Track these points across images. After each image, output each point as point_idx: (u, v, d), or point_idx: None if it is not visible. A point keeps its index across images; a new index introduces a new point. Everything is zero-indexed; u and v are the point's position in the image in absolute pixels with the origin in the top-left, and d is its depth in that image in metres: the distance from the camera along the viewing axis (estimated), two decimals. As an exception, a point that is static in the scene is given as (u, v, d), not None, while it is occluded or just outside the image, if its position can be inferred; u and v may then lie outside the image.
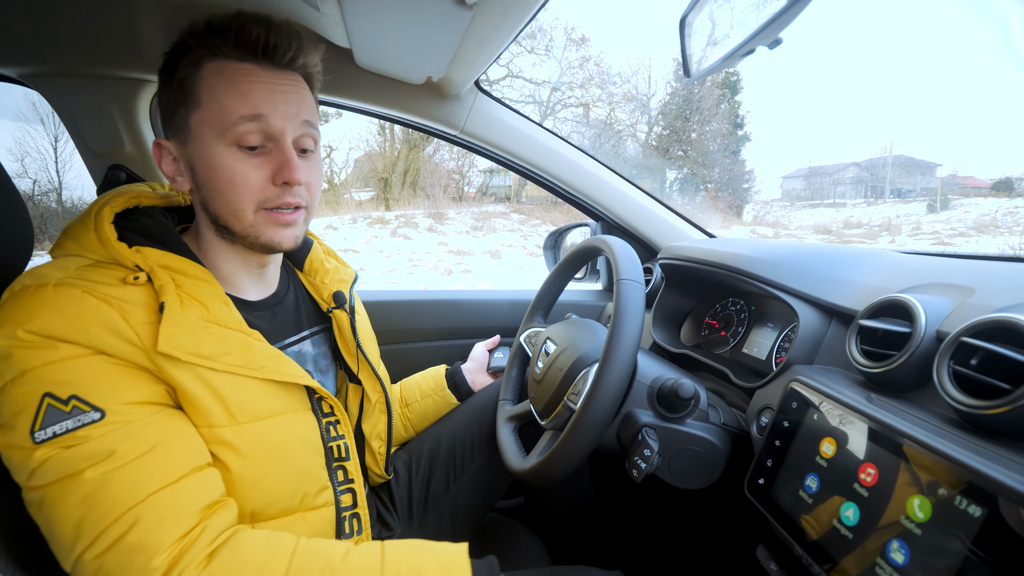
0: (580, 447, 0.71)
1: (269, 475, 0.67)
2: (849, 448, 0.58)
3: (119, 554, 0.53)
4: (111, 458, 0.54)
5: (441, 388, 1.11)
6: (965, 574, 0.44)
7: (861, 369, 0.66)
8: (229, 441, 0.64)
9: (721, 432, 0.79)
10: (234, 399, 0.65)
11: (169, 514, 0.55)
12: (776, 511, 0.65)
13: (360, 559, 0.61)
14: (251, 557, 0.57)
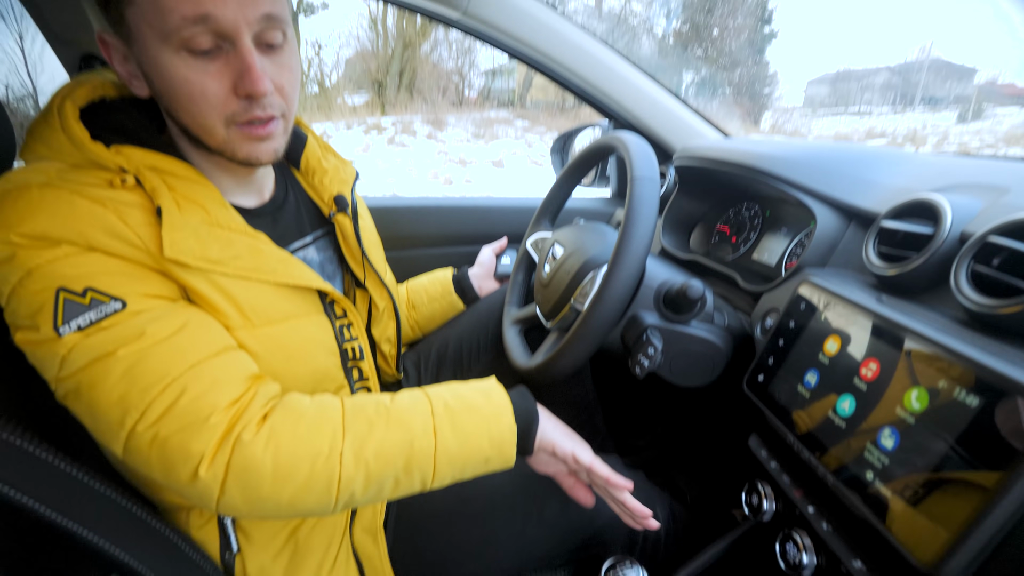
0: (585, 346, 0.73)
1: (288, 376, 0.68)
2: (853, 345, 0.59)
3: (173, 420, 0.53)
4: (142, 337, 0.54)
5: (448, 293, 1.12)
6: (949, 459, 0.46)
7: (875, 272, 0.66)
8: (246, 343, 0.64)
9: (724, 333, 0.80)
10: (248, 303, 0.64)
11: (216, 381, 0.56)
12: (772, 405, 0.68)
13: (407, 400, 0.65)
14: (306, 410, 0.59)
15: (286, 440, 0.56)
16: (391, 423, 0.61)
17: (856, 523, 0.56)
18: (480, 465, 0.65)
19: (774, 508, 0.71)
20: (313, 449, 0.57)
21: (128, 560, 0.56)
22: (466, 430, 0.64)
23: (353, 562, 0.73)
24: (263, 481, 0.55)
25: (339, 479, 0.58)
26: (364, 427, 0.60)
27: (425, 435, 0.61)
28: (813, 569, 0.62)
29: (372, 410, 0.62)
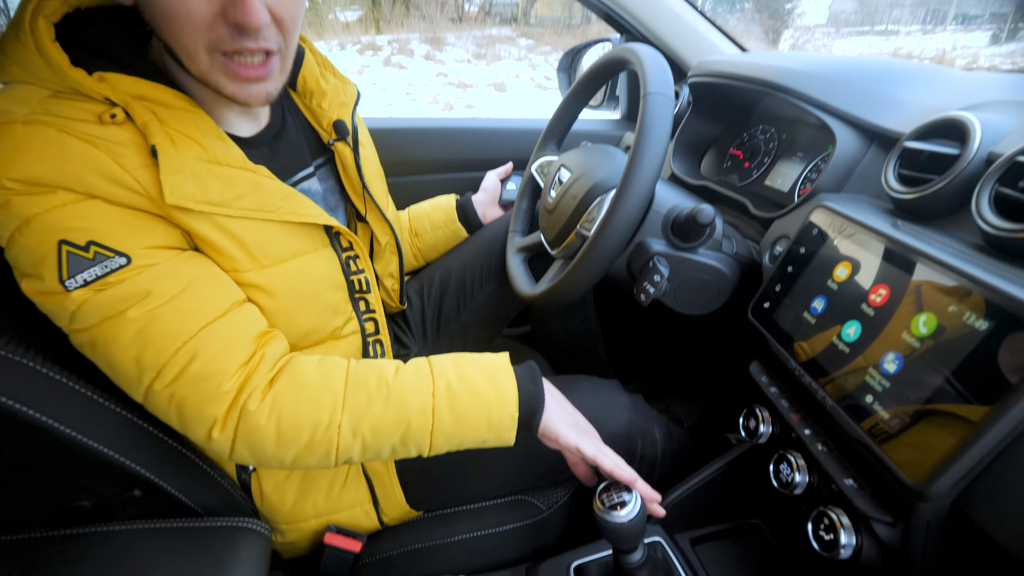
0: (590, 273, 0.72)
1: (299, 313, 0.69)
2: (864, 271, 0.58)
3: (187, 383, 0.55)
4: (149, 297, 0.54)
5: (451, 221, 1.10)
6: (947, 386, 0.46)
7: (893, 196, 0.64)
8: (257, 283, 0.64)
9: (732, 261, 0.79)
10: (254, 243, 0.63)
11: (226, 345, 0.57)
12: (776, 332, 0.68)
13: (411, 375, 0.64)
14: (309, 379, 0.61)
15: (288, 410, 0.58)
16: (390, 400, 0.61)
17: (850, 445, 0.58)
18: (476, 443, 0.66)
19: (770, 431, 0.73)
20: (313, 420, 0.59)
21: (149, 476, 0.59)
22: (465, 414, 0.63)
23: (363, 480, 0.76)
24: (267, 444, 0.58)
25: (337, 447, 0.60)
26: (363, 401, 0.61)
27: (423, 415, 0.62)
28: (804, 487, 0.64)
29: (373, 384, 0.62)
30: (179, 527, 0.57)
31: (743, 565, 0.79)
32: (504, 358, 0.69)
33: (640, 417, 0.84)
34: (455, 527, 0.79)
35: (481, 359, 0.68)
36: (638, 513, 0.60)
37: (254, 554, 0.56)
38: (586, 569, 0.73)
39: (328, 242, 0.73)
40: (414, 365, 0.66)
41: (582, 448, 0.68)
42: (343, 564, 0.72)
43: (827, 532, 0.57)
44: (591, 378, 0.88)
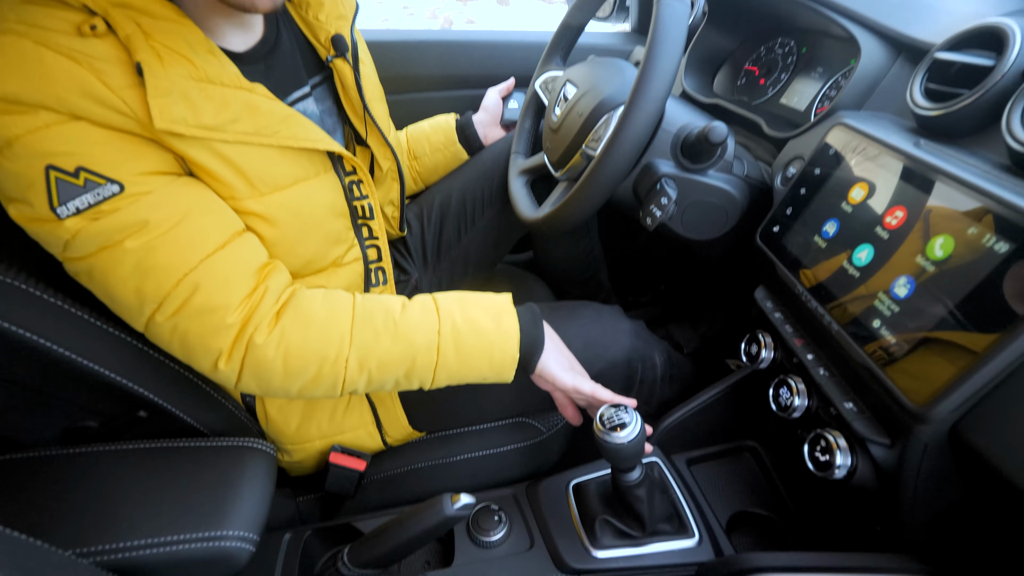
0: (595, 195, 0.70)
1: (300, 242, 0.67)
2: (881, 193, 0.56)
3: (190, 316, 0.55)
4: (146, 227, 0.52)
5: (452, 143, 1.06)
6: (958, 311, 0.45)
7: (918, 113, 0.60)
8: (256, 211, 0.61)
9: (742, 184, 0.76)
10: (252, 170, 0.60)
11: (227, 277, 0.56)
12: (784, 256, 0.66)
13: (417, 312, 0.64)
14: (316, 313, 0.60)
15: (295, 344, 0.58)
16: (397, 337, 0.62)
17: (852, 370, 0.57)
18: (476, 379, 0.67)
19: (771, 357, 0.73)
20: (320, 354, 0.59)
21: (153, 398, 0.59)
22: (469, 353, 0.64)
23: (366, 403, 0.77)
24: (274, 376, 0.58)
25: (343, 380, 0.61)
26: (371, 337, 0.61)
27: (428, 352, 0.63)
28: (803, 411, 0.65)
29: (380, 320, 0.62)
30: (186, 446, 0.58)
31: (737, 484, 0.81)
32: (507, 299, 0.69)
33: (641, 343, 0.84)
34: (457, 448, 0.81)
35: (486, 299, 0.68)
36: (638, 434, 0.61)
37: (260, 472, 0.58)
38: (584, 487, 0.76)
39: (330, 167, 0.70)
40: (420, 303, 0.65)
41: (580, 387, 0.69)
42: (348, 482, 0.74)
43: (823, 453, 0.58)
44: (593, 304, 0.87)
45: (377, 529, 0.57)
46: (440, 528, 0.55)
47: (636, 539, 0.70)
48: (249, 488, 0.55)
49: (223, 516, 0.52)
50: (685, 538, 0.70)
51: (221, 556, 0.50)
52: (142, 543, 0.49)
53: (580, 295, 1.19)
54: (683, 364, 0.94)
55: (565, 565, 0.68)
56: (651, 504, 0.69)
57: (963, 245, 0.46)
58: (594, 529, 0.71)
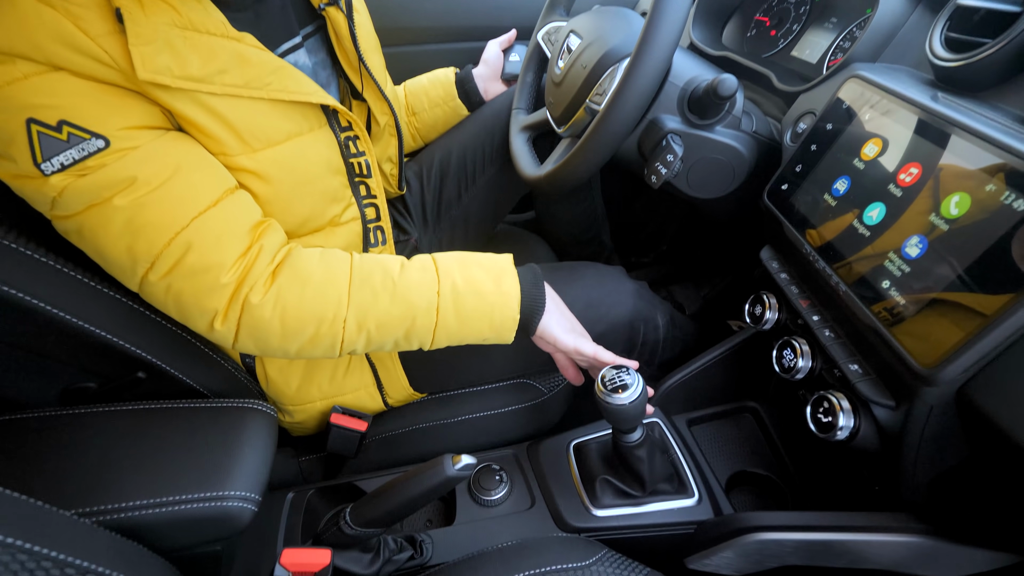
0: (599, 152, 0.67)
1: (295, 199, 0.65)
2: (895, 148, 0.54)
3: (184, 275, 0.54)
4: (135, 184, 0.51)
5: (451, 98, 1.02)
6: (969, 272, 0.44)
7: (937, 64, 0.57)
8: (248, 168, 0.59)
9: (750, 140, 0.74)
10: (243, 124, 0.57)
11: (220, 236, 0.55)
12: (792, 215, 0.64)
13: (416, 273, 0.63)
14: (312, 273, 0.59)
15: (292, 304, 0.57)
16: (396, 298, 0.60)
17: (858, 331, 0.56)
18: (477, 340, 0.66)
19: (776, 318, 0.72)
20: (318, 314, 0.58)
21: (150, 359, 0.59)
22: (469, 314, 0.63)
23: (367, 365, 0.77)
24: (272, 336, 0.58)
25: (342, 341, 0.60)
26: (369, 297, 0.60)
27: (428, 314, 0.62)
28: (806, 372, 0.64)
29: (379, 280, 0.60)
30: (187, 407, 0.58)
31: (737, 445, 0.82)
32: (508, 260, 0.68)
33: (644, 304, 0.83)
34: (458, 408, 0.81)
35: (486, 260, 0.67)
36: (639, 396, 0.61)
37: (261, 433, 0.58)
38: (584, 447, 0.76)
39: (325, 122, 0.67)
40: (419, 262, 0.64)
41: (581, 349, 0.69)
42: (349, 442, 0.75)
43: (825, 415, 0.58)
44: (595, 265, 0.86)
45: (379, 489, 0.58)
46: (441, 488, 0.55)
47: (636, 498, 0.71)
48: (250, 449, 0.55)
49: (224, 476, 0.52)
50: (685, 497, 0.71)
51: (223, 516, 0.51)
52: (144, 503, 0.49)
53: (582, 255, 1.18)
54: (685, 325, 0.94)
55: (566, 524, 0.69)
56: (651, 464, 0.69)
57: (979, 203, 0.44)
58: (594, 489, 0.71)
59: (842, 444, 0.58)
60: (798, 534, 0.62)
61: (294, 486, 0.75)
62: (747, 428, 0.85)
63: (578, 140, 0.70)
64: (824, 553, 0.63)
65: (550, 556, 0.60)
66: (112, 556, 0.42)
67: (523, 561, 0.60)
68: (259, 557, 0.65)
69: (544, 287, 0.69)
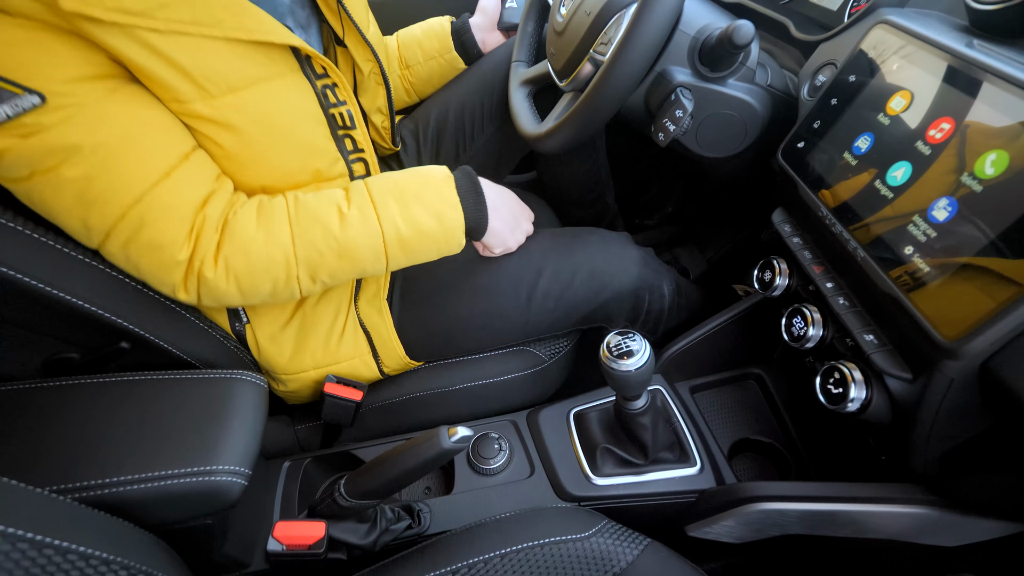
0: (604, 107, 0.63)
1: (270, 151, 0.61)
2: (924, 102, 0.49)
3: (140, 250, 0.54)
4: (80, 153, 0.48)
5: (447, 50, 0.96)
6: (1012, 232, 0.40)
7: (973, 6, 0.52)
8: (207, 116, 0.55)
9: (764, 95, 0.69)
10: (196, 67, 0.52)
11: (173, 210, 0.54)
12: (808, 175, 0.60)
13: (357, 223, 0.61)
14: (253, 240, 0.58)
15: (243, 273, 0.58)
16: (342, 255, 0.61)
17: (875, 299, 0.53)
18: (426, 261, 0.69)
19: (786, 284, 0.69)
20: (270, 277, 0.59)
21: (132, 328, 0.56)
22: (416, 252, 0.66)
23: (361, 332, 0.74)
24: (232, 299, 0.60)
25: (299, 291, 0.62)
26: (315, 257, 0.61)
27: (376, 261, 0.64)
28: (817, 341, 0.62)
29: (320, 239, 0.60)
30: (173, 378, 0.56)
31: (740, 411, 0.80)
32: (447, 185, 0.66)
33: (649, 272, 0.80)
34: (456, 376, 0.79)
35: (425, 192, 0.65)
36: (646, 362, 0.59)
37: (251, 404, 0.56)
38: (584, 415, 0.75)
39: (296, 67, 0.62)
40: (357, 208, 0.62)
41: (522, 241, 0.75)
42: (345, 412, 0.73)
43: (836, 386, 0.56)
44: (599, 230, 0.82)
45: (373, 461, 0.56)
46: (437, 461, 0.54)
47: (637, 467, 0.69)
48: (239, 421, 0.53)
49: (212, 450, 0.50)
50: (687, 466, 0.70)
51: (212, 491, 0.49)
52: (128, 479, 0.47)
53: (586, 218, 1.14)
54: (691, 292, 0.91)
55: (565, 493, 0.68)
56: (655, 432, 0.68)
57: (1019, 161, 0.41)
58: (595, 457, 0.70)
59: (852, 416, 0.56)
60: (802, 504, 0.61)
61: (291, 454, 0.74)
62: (751, 395, 0.83)
63: (581, 95, 0.66)
64: (827, 523, 0.62)
65: (549, 527, 0.59)
66: (94, 534, 0.40)
67: (521, 532, 0.59)
68: (255, 526, 0.64)
69: (484, 200, 0.69)
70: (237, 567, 0.61)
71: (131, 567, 0.41)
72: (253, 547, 0.63)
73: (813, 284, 0.62)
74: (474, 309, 0.75)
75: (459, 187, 0.67)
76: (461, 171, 0.69)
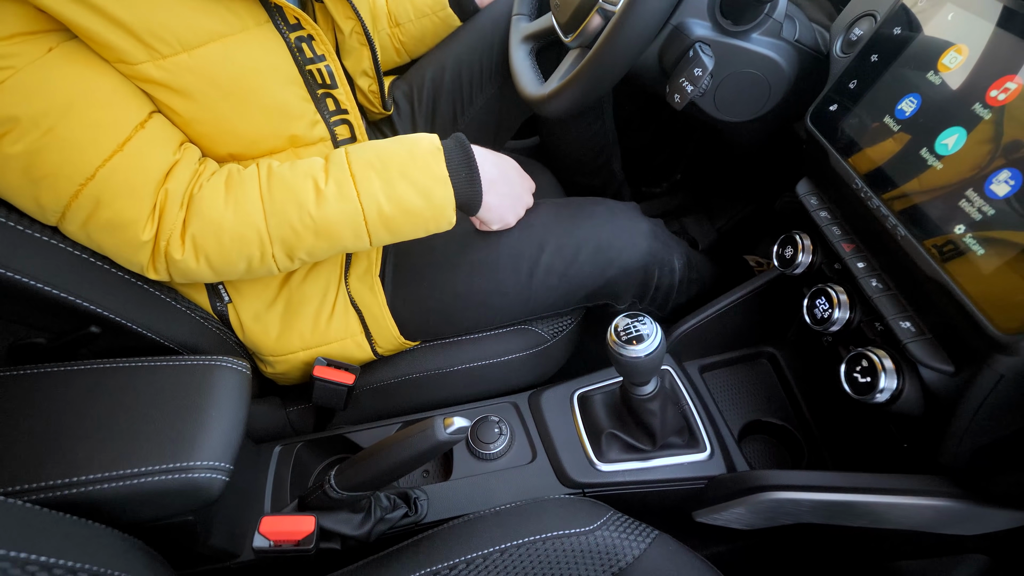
0: (613, 65, 0.58)
1: (235, 117, 0.55)
2: (985, 57, 0.43)
3: (100, 230, 0.50)
4: (19, 126, 0.43)
5: (441, 6, 0.88)
6: None
7: None
8: (159, 79, 0.49)
9: (792, 51, 0.63)
10: (140, 23, 0.46)
11: (131, 187, 0.49)
12: (840, 142, 0.55)
13: (335, 203, 0.56)
14: (223, 219, 0.53)
15: (213, 252, 0.54)
16: (320, 233, 0.57)
17: (916, 283, 0.48)
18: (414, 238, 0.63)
19: (808, 261, 0.64)
20: (245, 255, 0.55)
21: (101, 312, 0.52)
22: (402, 230, 0.60)
23: (352, 310, 0.70)
24: (205, 277, 0.56)
25: (277, 268, 0.58)
26: (291, 236, 0.56)
27: (358, 239, 0.59)
28: (843, 324, 0.57)
29: (296, 217, 0.55)
30: (147, 365, 0.52)
31: (751, 392, 0.77)
32: (436, 158, 0.59)
33: (659, 245, 0.75)
34: (454, 356, 0.76)
35: (410, 167, 0.58)
36: (657, 347, 0.54)
37: (231, 394, 0.52)
38: (589, 398, 0.71)
39: (265, 18, 0.55)
40: (335, 183, 0.56)
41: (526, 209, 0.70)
42: (336, 396, 0.69)
43: (863, 375, 0.51)
44: (606, 201, 0.77)
45: (365, 452, 0.53)
46: (431, 453, 0.50)
47: (644, 452, 0.66)
48: (218, 412, 0.50)
49: (190, 445, 0.47)
50: (696, 451, 0.67)
51: (189, 488, 0.46)
52: (98, 477, 0.44)
53: (591, 186, 1.08)
54: (702, 266, 0.86)
55: (568, 479, 0.65)
56: (663, 417, 0.64)
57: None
58: (600, 442, 0.67)
59: (875, 407, 0.52)
60: (819, 494, 0.58)
61: (282, 438, 0.71)
62: (763, 374, 0.79)
63: (589, 51, 0.59)
64: (844, 513, 0.59)
65: (551, 520, 0.56)
66: (57, 540, 0.37)
67: (522, 525, 0.56)
68: (245, 515, 0.62)
69: (479, 175, 0.62)
70: (226, 557, 0.59)
71: (101, 573, 0.38)
72: (243, 537, 0.60)
73: (840, 262, 0.57)
74: (472, 286, 0.70)
75: (449, 159, 0.60)
76: (453, 140, 0.63)
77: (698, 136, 1.14)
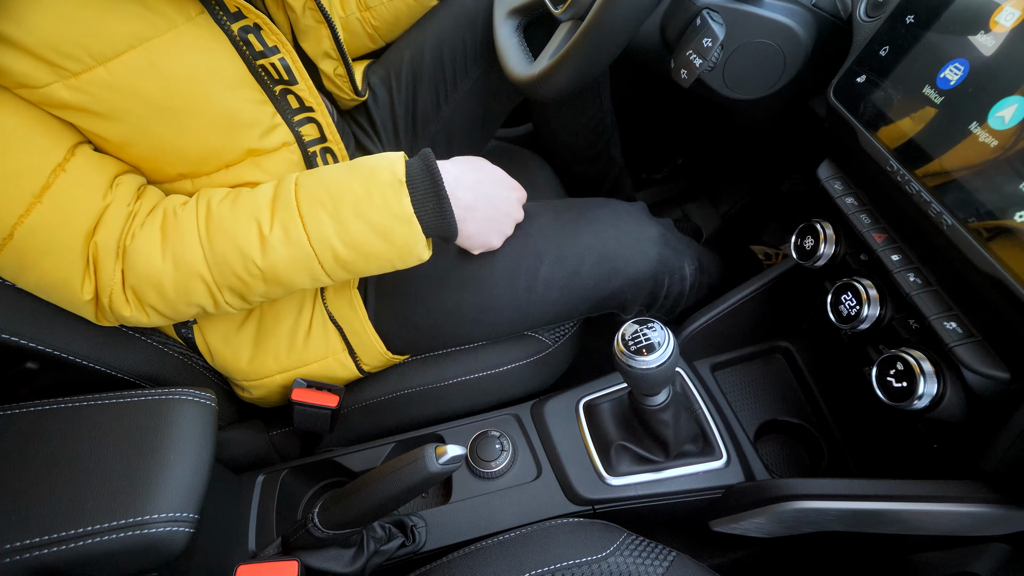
0: (611, 38, 0.52)
1: (173, 135, 0.48)
2: (1049, 15, 0.37)
3: (37, 289, 0.47)
4: None
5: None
6: None
7: None
8: (75, 103, 0.42)
9: (809, 18, 0.57)
10: (36, 39, 0.39)
11: (55, 247, 0.44)
12: (869, 118, 0.49)
13: (282, 249, 0.49)
14: (163, 275, 0.48)
15: (160, 306, 0.50)
16: (269, 281, 0.52)
17: (963, 278, 0.43)
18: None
19: (832, 252, 0.58)
20: (195, 303, 0.51)
21: (34, 345, 0.46)
22: (364, 270, 0.55)
23: (332, 327, 0.64)
24: (161, 324, 0.53)
25: (235, 310, 0.54)
26: (238, 284, 0.51)
27: (316, 281, 0.54)
28: (872, 322, 0.52)
29: (240, 268, 0.50)
30: (93, 404, 0.46)
31: (766, 390, 0.73)
32: (395, 192, 0.51)
33: (670, 252, 0.68)
34: (447, 369, 0.70)
35: (366, 207, 0.50)
36: (669, 357, 0.49)
37: (193, 432, 0.46)
38: (595, 406, 0.66)
39: (199, 9, 0.48)
40: (282, 228, 0.49)
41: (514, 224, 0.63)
42: (320, 420, 0.64)
43: (899, 379, 0.46)
44: (610, 202, 0.71)
45: (351, 487, 0.48)
46: (423, 485, 0.45)
47: (657, 463, 0.61)
48: (176, 455, 0.44)
49: (143, 496, 0.41)
50: (712, 459, 0.63)
51: (147, 545, 0.40)
52: (38, 541, 0.38)
53: (589, 173, 1.01)
54: (712, 267, 0.80)
55: (577, 496, 0.61)
56: (676, 427, 0.60)
57: None
58: (609, 455, 0.62)
59: (909, 414, 0.47)
60: (845, 503, 0.53)
61: (266, 465, 0.66)
62: (777, 371, 0.75)
63: (582, 24, 0.53)
64: (872, 521, 0.55)
65: (561, 549, 0.51)
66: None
67: (528, 556, 0.51)
68: (228, 557, 0.56)
69: (449, 206, 0.53)
70: None
71: None
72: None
73: (868, 254, 0.52)
74: (462, 303, 0.64)
75: (414, 190, 0.52)
76: (420, 161, 0.54)
77: (701, 117, 1.08)
